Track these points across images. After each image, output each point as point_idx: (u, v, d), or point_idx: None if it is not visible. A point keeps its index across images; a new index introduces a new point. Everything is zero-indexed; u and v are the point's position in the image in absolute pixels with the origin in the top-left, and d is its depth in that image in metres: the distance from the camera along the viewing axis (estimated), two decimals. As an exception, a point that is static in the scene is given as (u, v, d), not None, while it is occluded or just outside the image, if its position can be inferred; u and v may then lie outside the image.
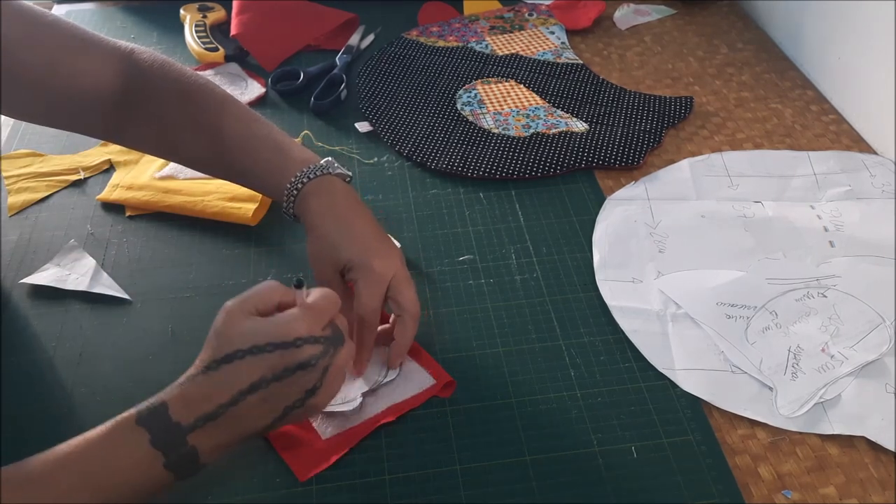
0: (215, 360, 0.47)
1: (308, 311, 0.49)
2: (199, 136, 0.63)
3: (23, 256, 0.71)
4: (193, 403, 0.46)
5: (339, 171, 0.62)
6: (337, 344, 0.49)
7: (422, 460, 0.55)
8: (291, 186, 0.60)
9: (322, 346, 0.48)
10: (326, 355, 0.48)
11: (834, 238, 0.72)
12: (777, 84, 0.94)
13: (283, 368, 0.47)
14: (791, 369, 0.60)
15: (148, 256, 0.71)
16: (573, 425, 0.57)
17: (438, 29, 1.04)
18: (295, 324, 0.47)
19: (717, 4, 1.09)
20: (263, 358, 0.46)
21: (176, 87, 0.63)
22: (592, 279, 0.69)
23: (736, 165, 0.81)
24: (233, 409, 0.46)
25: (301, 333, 0.47)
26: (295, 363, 0.47)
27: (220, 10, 1.03)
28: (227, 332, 0.47)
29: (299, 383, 0.47)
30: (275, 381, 0.46)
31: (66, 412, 0.58)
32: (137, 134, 0.65)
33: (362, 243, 0.58)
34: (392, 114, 0.88)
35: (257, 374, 0.46)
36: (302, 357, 0.47)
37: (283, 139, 0.63)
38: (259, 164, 0.62)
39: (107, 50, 0.62)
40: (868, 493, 0.54)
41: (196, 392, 0.46)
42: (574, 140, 0.83)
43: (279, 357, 0.46)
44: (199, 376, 0.47)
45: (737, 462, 0.55)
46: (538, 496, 0.53)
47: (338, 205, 0.60)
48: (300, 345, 0.47)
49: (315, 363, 0.47)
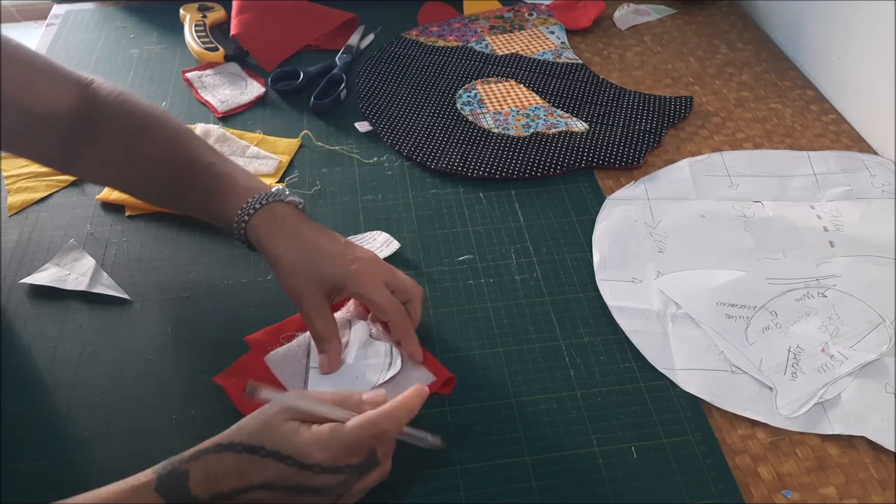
0: (243, 444, 0.47)
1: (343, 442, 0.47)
2: (150, 168, 0.63)
3: (22, 256, 0.71)
4: (213, 479, 0.46)
5: (291, 199, 0.61)
6: (365, 470, 0.49)
7: (422, 460, 0.55)
8: (242, 213, 0.59)
9: (343, 476, 0.47)
10: (346, 484, 0.48)
11: (834, 238, 0.72)
12: (777, 84, 0.94)
13: (295, 485, 0.46)
14: (791, 369, 0.60)
15: (148, 256, 0.71)
16: (573, 425, 0.57)
17: (438, 29, 1.04)
18: (316, 451, 0.47)
19: (717, 4, 1.09)
20: (281, 468, 0.46)
21: (130, 121, 0.63)
22: (592, 279, 0.69)
23: (736, 165, 0.81)
24: (243, 496, 0.46)
25: (319, 461, 0.46)
26: (306, 485, 0.47)
27: (219, 10, 1.03)
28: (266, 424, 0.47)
29: (313, 499, 0.47)
30: (284, 491, 0.46)
31: (66, 412, 0.58)
32: (91, 164, 0.64)
33: (338, 259, 0.58)
34: (392, 114, 0.88)
35: (271, 477, 0.46)
36: (315, 482, 0.47)
37: (234, 169, 0.63)
38: (207, 194, 0.62)
39: (66, 78, 0.62)
40: (868, 493, 0.54)
41: (218, 469, 0.46)
42: (574, 140, 0.83)
43: (294, 474, 0.46)
44: (225, 453, 0.47)
45: (737, 462, 0.55)
46: (538, 496, 0.53)
47: (292, 229, 0.59)
48: (317, 471, 0.46)
49: (329, 491, 0.47)
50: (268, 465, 0.46)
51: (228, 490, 0.46)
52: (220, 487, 0.46)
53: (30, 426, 0.57)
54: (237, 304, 0.66)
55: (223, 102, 0.89)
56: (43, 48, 1.01)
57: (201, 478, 0.46)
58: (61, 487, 0.53)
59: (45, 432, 0.57)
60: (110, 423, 0.58)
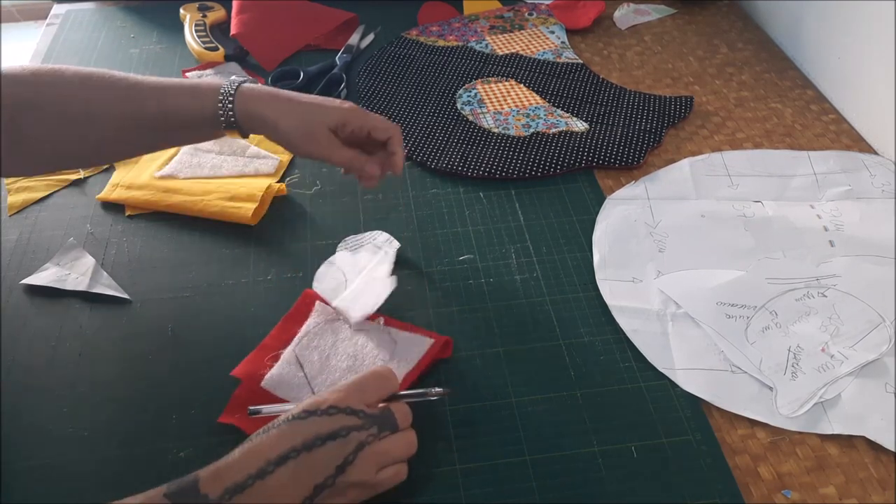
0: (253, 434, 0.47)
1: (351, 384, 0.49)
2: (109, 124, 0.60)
3: (22, 256, 0.71)
4: (224, 474, 0.45)
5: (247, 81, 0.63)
6: (382, 426, 0.49)
7: (422, 460, 0.55)
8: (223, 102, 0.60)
9: (358, 420, 0.48)
10: (362, 430, 0.48)
11: (834, 238, 0.72)
12: (777, 84, 0.94)
13: (313, 436, 0.46)
14: (791, 369, 0.60)
15: (148, 256, 0.71)
16: (573, 425, 0.57)
17: (438, 28, 1.04)
18: (330, 393, 0.47)
19: (717, 4, 1.09)
20: (296, 425, 0.46)
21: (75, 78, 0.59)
22: (592, 279, 0.69)
23: (736, 165, 0.81)
24: (261, 482, 0.45)
25: (334, 402, 0.47)
26: (326, 431, 0.46)
27: (220, 10, 1.03)
28: None
29: (330, 454, 0.47)
30: (304, 451, 0.46)
31: (66, 412, 0.58)
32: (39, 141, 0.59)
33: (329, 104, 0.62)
34: (392, 113, 0.88)
35: (287, 444, 0.46)
36: (334, 426, 0.47)
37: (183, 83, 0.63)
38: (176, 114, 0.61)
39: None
40: (868, 493, 0.54)
41: (228, 464, 0.46)
42: (574, 140, 0.83)
43: (311, 424, 0.46)
44: (235, 450, 0.47)
45: (737, 462, 0.55)
46: (538, 496, 0.53)
47: (275, 96, 0.62)
48: (333, 413, 0.47)
49: (346, 434, 0.47)
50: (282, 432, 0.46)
51: (243, 478, 0.45)
52: (232, 479, 0.45)
53: (30, 426, 0.57)
54: (237, 304, 0.67)
55: (223, 102, 0.89)
56: (43, 48, 1.01)
57: (212, 477, 0.45)
58: (61, 487, 0.54)
59: (45, 432, 0.57)
60: (110, 424, 0.58)
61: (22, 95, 0.57)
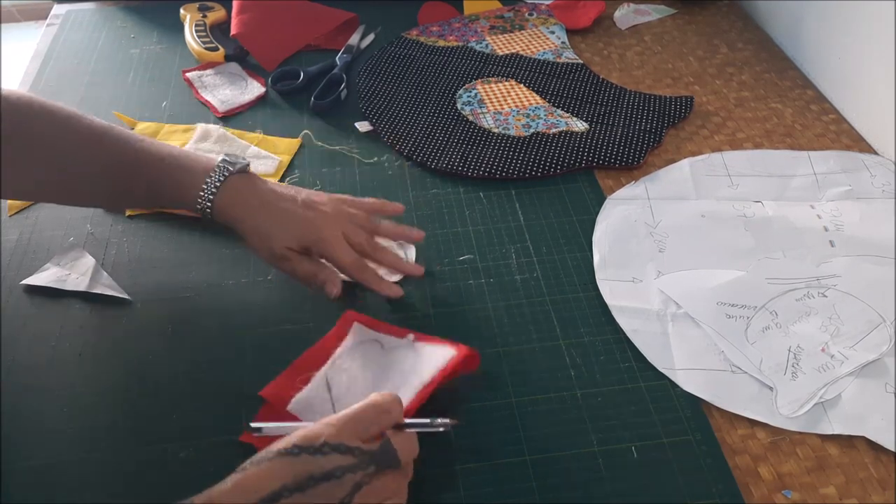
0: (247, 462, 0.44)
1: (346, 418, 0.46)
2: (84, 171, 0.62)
3: (23, 256, 0.71)
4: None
5: (240, 166, 0.63)
6: (381, 463, 0.46)
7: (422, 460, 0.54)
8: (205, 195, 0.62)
9: (354, 459, 0.44)
10: (358, 470, 0.44)
11: (834, 238, 0.72)
12: (777, 84, 0.94)
13: (306, 476, 0.43)
14: (791, 369, 0.60)
15: (148, 256, 0.71)
16: (573, 425, 0.57)
17: (438, 28, 1.04)
18: (324, 427, 0.44)
19: (717, 4, 1.09)
20: (288, 462, 0.43)
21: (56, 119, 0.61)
22: (592, 279, 0.69)
23: (736, 165, 0.81)
24: None
25: (327, 439, 0.44)
26: (320, 472, 0.43)
27: (220, 10, 1.03)
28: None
29: (324, 495, 0.43)
30: (297, 492, 0.43)
31: (66, 412, 0.58)
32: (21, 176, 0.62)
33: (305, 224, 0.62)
34: (392, 113, 0.88)
35: (279, 482, 0.42)
36: (327, 466, 0.43)
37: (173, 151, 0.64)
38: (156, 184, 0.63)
39: None
40: (868, 493, 0.54)
41: (222, 493, 0.42)
42: (574, 140, 0.83)
43: (303, 463, 0.43)
44: (228, 478, 0.43)
45: (737, 462, 0.55)
46: (538, 496, 0.53)
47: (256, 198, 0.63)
48: (327, 452, 0.44)
49: (341, 476, 0.44)
50: (272, 468, 0.43)
51: None
52: None
53: (30, 426, 0.57)
54: (237, 304, 0.66)
55: (223, 102, 0.89)
56: (43, 48, 1.01)
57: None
58: (61, 487, 0.54)
59: (45, 432, 0.57)
60: (110, 423, 0.58)
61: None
